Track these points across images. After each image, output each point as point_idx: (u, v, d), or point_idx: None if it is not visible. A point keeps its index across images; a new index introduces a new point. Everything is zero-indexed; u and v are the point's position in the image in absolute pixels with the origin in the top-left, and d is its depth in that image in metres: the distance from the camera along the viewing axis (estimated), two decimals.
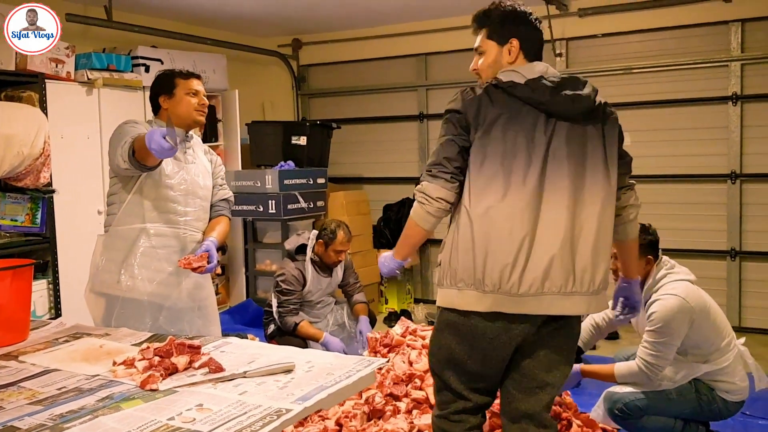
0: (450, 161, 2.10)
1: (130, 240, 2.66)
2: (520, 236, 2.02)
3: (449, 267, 2.13)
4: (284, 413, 1.52)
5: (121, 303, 2.64)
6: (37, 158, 4.01)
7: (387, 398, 2.93)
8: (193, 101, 2.74)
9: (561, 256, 2.04)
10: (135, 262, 2.65)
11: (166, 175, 2.66)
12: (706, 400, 2.94)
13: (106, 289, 2.67)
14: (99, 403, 1.63)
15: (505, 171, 2.04)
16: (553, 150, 2.06)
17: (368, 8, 5.74)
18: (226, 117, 5.99)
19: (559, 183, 2.05)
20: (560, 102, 2.06)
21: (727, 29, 5.26)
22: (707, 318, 2.93)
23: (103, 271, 2.68)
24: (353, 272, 4.56)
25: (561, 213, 2.05)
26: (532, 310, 2.05)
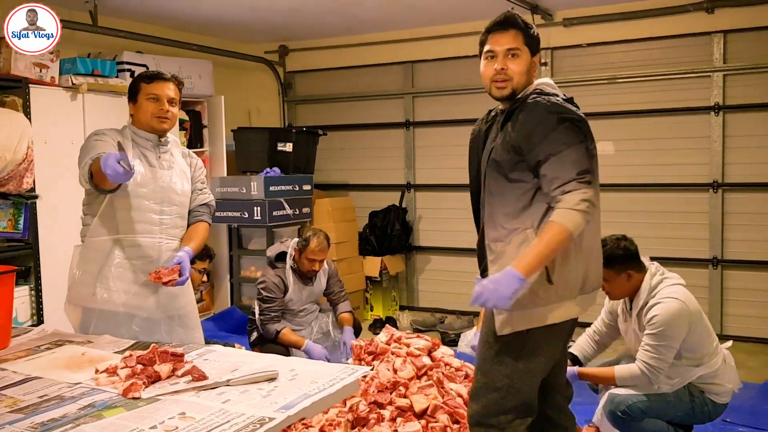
0: (593, 168, 2.11)
1: (104, 252, 2.61)
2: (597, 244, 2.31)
3: (569, 278, 2.17)
4: (267, 421, 1.52)
5: (97, 315, 2.59)
6: (20, 163, 3.98)
7: (371, 406, 2.92)
8: (151, 107, 2.63)
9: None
10: (110, 275, 2.61)
11: (138, 183, 2.60)
12: (699, 402, 2.99)
13: (82, 302, 2.64)
14: (81, 412, 1.62)
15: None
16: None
17: (355, 16, 5.76)
18: (212, 123, 5.97)
19: None
20: None
21: (709, 40, 5.32)
22: (701, 321, 2.99)
23: (78, 284, 2.65)
24: (338, 281, 4.54)
25: None
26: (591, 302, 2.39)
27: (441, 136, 6.41)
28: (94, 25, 5.02)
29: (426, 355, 3.25)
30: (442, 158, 6.40)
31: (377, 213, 6.39)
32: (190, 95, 5.69)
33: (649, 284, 2.99)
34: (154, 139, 2.69)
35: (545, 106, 2.12)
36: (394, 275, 6.39)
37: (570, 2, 5.50)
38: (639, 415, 2.95)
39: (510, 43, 2.21)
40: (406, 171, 6.58)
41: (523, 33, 2.22)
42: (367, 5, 5.40)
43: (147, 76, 2.70)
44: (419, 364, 3.13)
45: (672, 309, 2.89)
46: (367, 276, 6.22)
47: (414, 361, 3.15)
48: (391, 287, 6.42)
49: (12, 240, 4.22)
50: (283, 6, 5.36)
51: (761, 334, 5.25)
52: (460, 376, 3.19)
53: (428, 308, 6.41)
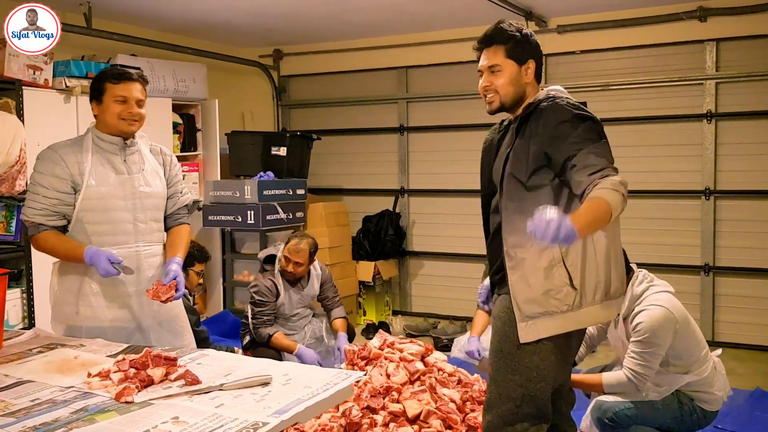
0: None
1: (81, 268, 2.52)
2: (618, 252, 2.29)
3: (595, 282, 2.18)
4: (261, 426, 1.52)
5: (84, 332, 2.51)
6: (12, 166, 3.96)
7: (364, 411, 2.92)
8: (118, 109, 2.50)
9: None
10: (90, 291, 2.53)
11: (106, 193, 2.51)
12: (687, 410, 2.98)
13: (66, 320, 2.57)
14: (73, 416, 1.62)
15: None
16: None
17: (349, 21, 5.77)
18: (206, 126, 5.97)
19: None
20: None
21: (702, 48, 5.36)
22: (688, 329, 2.98)
23: (61, 303, 2.58)
24: (332, 286, 4.53)
25: None
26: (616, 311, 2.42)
27: (435, 142, 6.43)
28: (89, 27, 5.01)
29: (419, 360, 3.25)
30: (436, 163, 6.41)
31: (371, 218, 6.39)
32: (184, 98, 5.69)
33: (633, 292, 2.99)
34: (120, 142, 2.58)
35: (565, 106, 2.18)
36: (387, 280, 6.39)
37: (564, 9, 5.53)
38: (626, 422, 2.95)
39: (490, 60, 2.29)
40: (399, 176, 6.59)
41: (504, 46, 2.26)
42: (361, 10, 5.42)
43: (113, 75, 2.53)
44: (412, 370, 3.13)
45: (656, 316, 2.89)
46: (361, 281, 6.21)
47: (407, 366, 3.15)
48: (384, 292, 6.42)
49: (4, 242, 4.20)
50: (277, 10, 5.37)
51: (752, 341, 5.27)
52: (453, 381, 3.19)
53: (421, 313, 6.41)
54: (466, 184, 6.25)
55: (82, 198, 2.49)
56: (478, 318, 4.40)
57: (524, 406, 2.22)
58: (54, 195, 2.47)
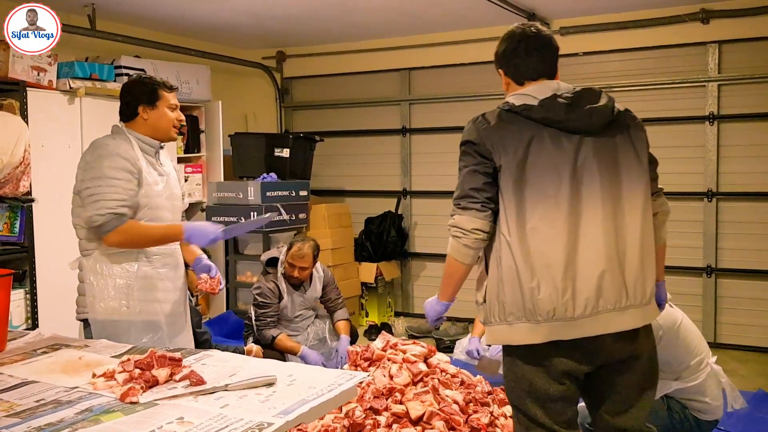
0: (478, 191, 2.08)
1: (129, 263, 2.58)
2: (563, 257, 1.99)
3: (496, 302, 2.06)
4: (266, 427, 1.52)
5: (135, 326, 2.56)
6: (17, 167, 3.97)
7: (367, 412, 2.92)
8: (173, 117, 2.67)
9: (611, 270, 2.01)
10: (140, 286, 2.59)
11: (156, 194, 2.60)
12: (678, 418, 2.95)
13: (112, 315, 2.57)
14: (78, 416, 1.61)
15: (537, 194, 2.02)
16: (582, 166, 2.04)
17: (352, 23, 5.78)
18: (209, 128, 5.98)
19: (594, 198, 2.03)
20: (578, 118, 2.05)
21: (704, 50, 5.36)
22: (676, 336, 2.92)
23: (105, 298, 2.57)
24: (335, 288, 4.54)
25: (600, 227, 2.02)
26: (589, 331, 2.00)
27: (437, 143, 6.43)
28: (93, 29, 5.03)
29: (422, 361, 3.25)
30: (439, 165, 6.42)
31: (373, 219, 6.40)
32: (188, 100, 5.70)
33: None
34: (156, 145, 2.68)
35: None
36: (389, 281, 6.40)
37: (567, 11, 5.53)
38: None
39: None
40: (402, 177, 6.60)
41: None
42: (364, 12, 5.43)
43: (166, 85, 2.69)
44: (415, 371, 3.14)
45: None
46: (363, 282, 6.22)
47: (410, 367, 3.15)
48: (387, 293, 6.42)
49: (8, 243, 4.21)
50: (280, 12, 5.38)
51: (754, 343, 5.27)
52: (456, 382, 3.19)
53: (423, 315, 6.38)
54: None
55: (140, 195, 2.55)
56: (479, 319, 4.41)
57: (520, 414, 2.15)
58: (131, 187, 2.51)
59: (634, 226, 2.07)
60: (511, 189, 2.04)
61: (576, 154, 2.05)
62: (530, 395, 2.08)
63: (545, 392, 2.06)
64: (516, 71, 2.19)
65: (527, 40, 2.18)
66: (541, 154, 2.03)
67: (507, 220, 2.04)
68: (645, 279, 2.07)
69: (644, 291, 2.07)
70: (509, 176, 2.04)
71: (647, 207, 2.12)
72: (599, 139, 2.07)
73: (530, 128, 2.05)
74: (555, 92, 2.09)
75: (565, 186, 2.02)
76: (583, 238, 2.01)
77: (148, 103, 2.63)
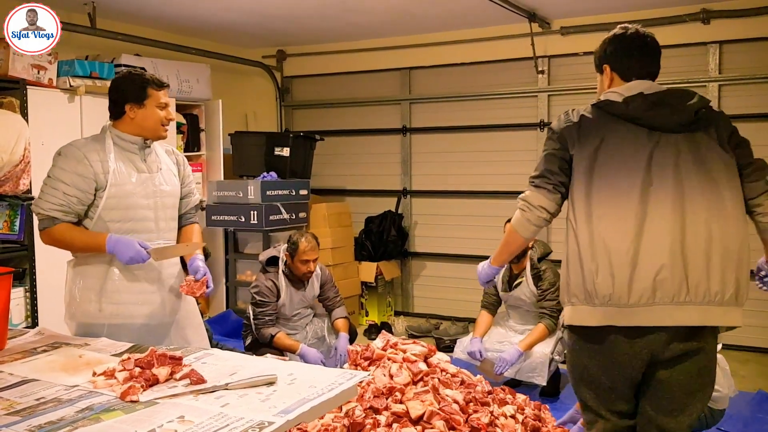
0: (552, 174, 2.21)
1: (103, 266, 2.56)
2: (625, 247, 2.05)
3: (565, 284, 2.18)
4: (266, 426, 1.52)
5: (107, 329, 2.52)
6: (17, 165, 3.97)
7: (367, 411, 2.92)
8: (162, 114, 2.61)
9: (671, 265, 2.04)
10: (114, 288, 2.55)
11: (130, 192, 2.55)
12: None
13: (87, 319, 2.56)
14: (78, 415, 1.61)
15: (607, 185, 2.10)
16: (657, 163, 2.10)
17: (353, 22, 5.78)
18: (209, 127, 5.97)
19: (665, 194, 2.07)
20: (657, 116, 2.12)
21: (705, 50, 5.36)
22: None
23: (81, 302, 2.57)
24: (333, 286, 4.53)
25: (667, 223, 2.06)
26: (643, 321, 2.05)
27: (438, 143, 6.43)
28: (93, 27, 5.02)
29: (422, 361, 3.25)
30: (439, 165, 6.42)
31: (373, 218, 6.39)
32: (188, 99, 5.70)
33: None
34: (140, 142, 2.61)
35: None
36: (389, 281, 6.39)
37: (567, 11, 5.53)
38: None
39: None
40: (402, 177, 6.59)
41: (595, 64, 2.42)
42: (364, 12, 5.42)
43: (155, 82, 2.61)
44: (415, 370, 3.13)
45: None
46: (363, 281, 6.22)
47: (410, 366, 3.15)
48: (387, 293, 6.42)
49: (7, 241, 4.21)
50: (281, 11, 5.38)
51: (755, 343, 5.27)
52: (456, 382, 3.19)
53: (423, 314, 6.41)
54: (469, 186, 6.26)
55: (106, 197, 2.51)
56: (481, 319, 4.41)
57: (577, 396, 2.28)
58: (74, 193, 2.48)
59: (703, 224, 2.07)
60: (582, 178, 2.15)
61: (652, 151, 2.11)
62: (582, 379, 2.20)
63: (597, 377, 2.16)
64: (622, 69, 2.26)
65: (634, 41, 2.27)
66: (615, 148, 2.12)
67: (575, 207, 2.16)
68: (710, 279, 2.06)
69: (708, 290, 2.06)
70: (580, 166, 2.16)
71: (734, 206, 2.12)
72: (681, 137, 2.12)
73: (608, 123, 2.16)
74: (643, 90, 2.16)
75: (637, 180, 2.09)
76: (648, 232, 2.06)
77: (136, 102, 2.58)
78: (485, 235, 5.92)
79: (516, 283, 4.29)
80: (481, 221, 6.14)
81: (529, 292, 4.22)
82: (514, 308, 4.41)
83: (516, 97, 6.06)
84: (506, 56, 6.00)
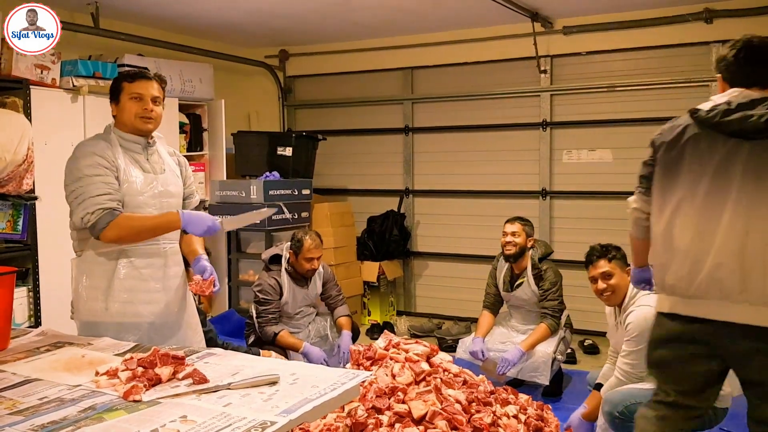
0: (645, 179, 2.51)
1: (109, 264, 2.55)
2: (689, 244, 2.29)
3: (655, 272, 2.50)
4: (269, 425, 1.52)
5: (114, 328, 2.52)
6: (20, 165, 3.97)
7: (369, 411, 2.92)
8: (135, 107, 2.55)
9: (729, 264, 2.21)
10: (120, 287, 2.55)
11: (137, 191, 2.55)
12: None
13: (93, 317, 2.56)
14: (81, 414, 1.62)
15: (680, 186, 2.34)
16: (727, 168, 2.25)
17: (355, 21, 5.78)
18: (212, 126, 5.98)
19: (728, 198, 2.24)
20: (729, 123, 2.24)
21: (708, 50, 5.34)
22: None
23: (88, 300, 2.57)
24: (335, 285, 4.54)
25: (728, 224, 2.23)
26: (701, 312, 2.27)
27: (440, 142, 6.43)
28: (96, 27, 5.03)
29: (425, 360, 3.25)
30: (441, 164, 6.41)
31: (376, 218, 6.39)
32: (191, 98, 5.70)
33: (631, 291, 3.13)
34: (143, 141, 2.62)
35: None
36: (391, 280, 6.40)
37: (570, 11, 5.52)
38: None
39: None
40: (404, 176, 6.59)
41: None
42: (367, 11, 5.42)
43: (129, 75, 2.59)
44: (418, 370, 3.13)
45: (645, 317, 2.96)
46: (365, 281, 6.22)
47: (413, 366, 3.15)
48: (389, 292, 6.42)
49: (11, 241, 4.21)
50: (283, 11, 5.38)
51: None
52: (459, 382, 3.19)
53: (425, 314, 6.41)
54: (471, 185, 6.26)
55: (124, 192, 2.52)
56: (483, 319, 4.41)
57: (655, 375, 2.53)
58: (111, 181, 2.48)
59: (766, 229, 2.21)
60: (659, 179, 2.42)
61: (725, 156, 2.26)
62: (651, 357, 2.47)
63: (665, 358, 2.41)
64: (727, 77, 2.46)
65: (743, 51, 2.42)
66: (691, 152, 2.32)
67: (653, 204, 2.46)
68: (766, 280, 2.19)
69: (764, 291, 2.19)
70: (660, 168, 2.42)
71: None
72: (755, 144, 2.23)
73: (693, 129, 2.34)
74: (731, 99, 2.31)
75: (705, 183, 2.28)
76: (710, 232, 2.26)
77: (113, 100, 2.60)
78: (488, 234, 5.91)
79: (517, 283, 4.29)
80: (483, 221, 6.14)
81: (530, 292, 4.22)
82: (515, 308, 4.41)
83: (518, 96, 6.06)
84: (509, 56, 5.99)
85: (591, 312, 5.19)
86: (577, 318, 4.71)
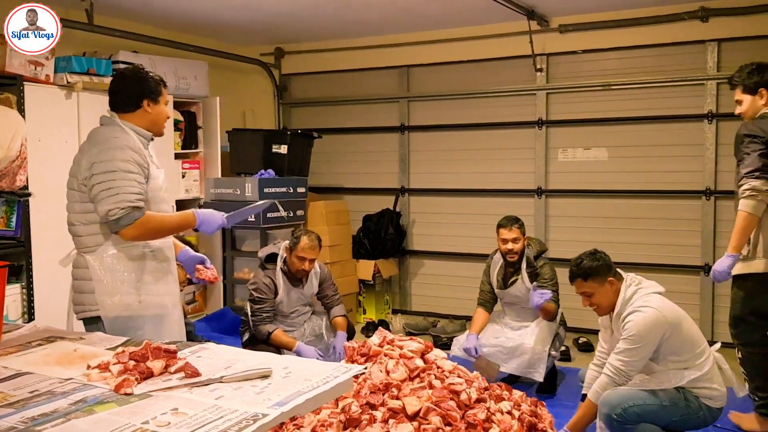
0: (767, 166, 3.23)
1: (136, 257, 2.59)
2: None
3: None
4: (261, 418, 1.51)
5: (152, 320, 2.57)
6: (13, 161, 3.96)
7: (363, 407, 2.91)
8: (167, 112, 2.76)
9: None
10: (150, 279, 2.61)
11: (159, 187, 2.63)
12: (694, 407, 3.02)
13: (126, 311, 2.56)
14: (72, 407, 1.61)
15: None
16: None
17: (351, 19, 5.77)
18: (207, 124, 5.97)
19: None
20: None
21: (703, 48, 5.36)
22: (680, 330, 3.04)
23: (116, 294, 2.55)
24: (331, 284, 4.52)
25: None
26: None
27: (436, 141, 6.43)
28: (90, 23, 5.01)
29: (419, 357, 3.24)
30: (437, 163, 6.41)
31: (371, 216, 6.39)
32: (186, 96, 5.69)
33: (624, 295, 3.10)
34: (149, 137, 2.70)
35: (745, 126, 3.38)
36: (387, 279, 6.39)
37: (566, 9, 5.53)
38: (633, 419, 2.97)
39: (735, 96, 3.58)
40: (400, 175, 6.59)
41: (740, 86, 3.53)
42: (363, 9, 5.42)
43: (164, 82, 2.73)
44: (412, 366, 3.12)
45: (646, 317, 2.97)
46: (361, 279, 6.22)
47: (407, 363, 3.14)
48: (384, 291, 6.42)
49: (4, 238, 4.20)
50: (279, 8, 5.37)
51: None
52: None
53: (421, 312, 6.41)
54: (467, 184, 6.26)
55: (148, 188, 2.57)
56: (477, 316, 4.41)
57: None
58: (142, 180, 2.54)
59: None
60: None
61: None
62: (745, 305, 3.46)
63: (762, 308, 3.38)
64: None
65: None
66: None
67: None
68: None
69: None
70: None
71: None
72: None
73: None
74: None
75: None
76: None
77: (152, 98, 2.65)
78: (483, 233, 5.91)
79: (511, 281, 4.29)
80: (479, 219, 6.14)
81: (524, 289, 4.22)
82: (509, 305, 4.41)
83: (514, 95, 6.06)
84: (505, 54, 5.99)
85: (585, 310, 5.17)
86: (571, 316, 4.72)
